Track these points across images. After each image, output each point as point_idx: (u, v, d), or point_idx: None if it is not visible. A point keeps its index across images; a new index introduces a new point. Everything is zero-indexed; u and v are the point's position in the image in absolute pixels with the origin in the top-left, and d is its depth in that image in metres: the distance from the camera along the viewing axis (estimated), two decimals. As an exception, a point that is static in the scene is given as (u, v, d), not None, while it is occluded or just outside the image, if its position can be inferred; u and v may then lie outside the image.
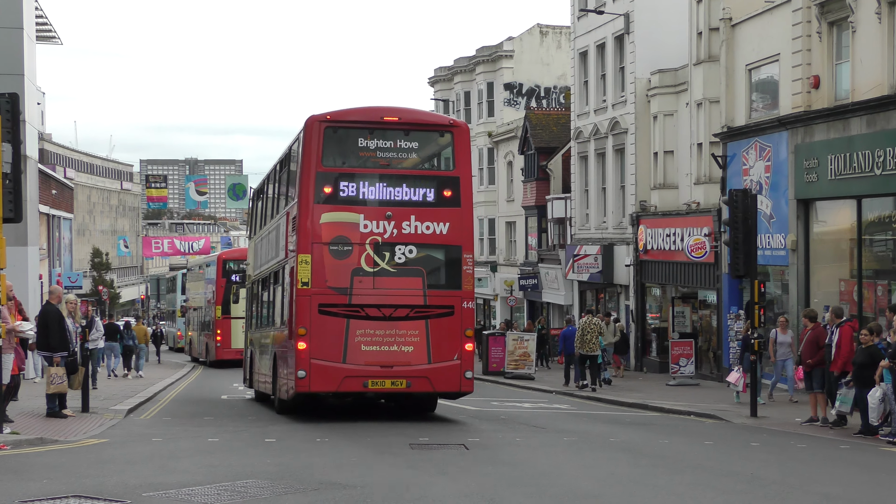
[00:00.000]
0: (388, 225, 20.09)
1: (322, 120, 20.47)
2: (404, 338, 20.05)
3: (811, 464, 15.69)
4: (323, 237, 20.02)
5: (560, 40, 61.28)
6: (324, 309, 19.87)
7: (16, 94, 17.42)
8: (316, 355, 19.80)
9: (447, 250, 20.47)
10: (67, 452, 15.68)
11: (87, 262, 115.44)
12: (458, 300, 20.29)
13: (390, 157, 20.67)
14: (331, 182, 20.17)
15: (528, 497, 11.71)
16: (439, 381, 20.26)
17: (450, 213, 20.35)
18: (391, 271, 20.12)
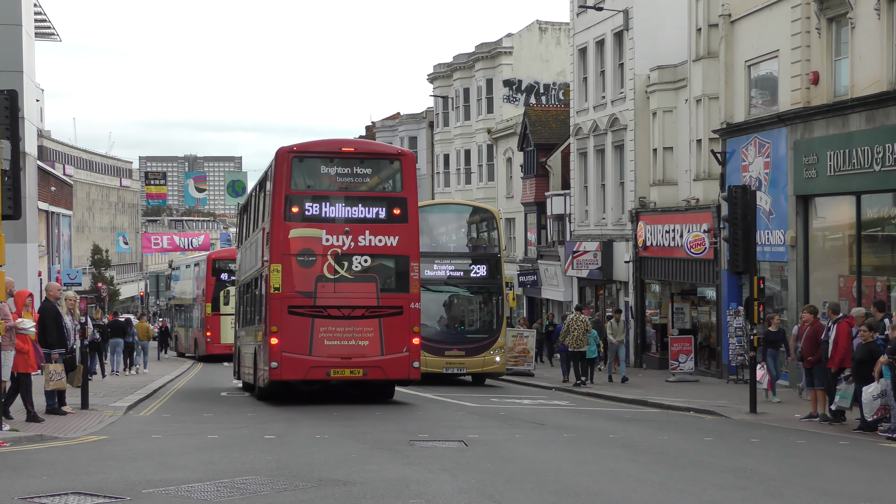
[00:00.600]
0: (347, 238, 23.48)
1: (290, 151, 24.01)
2: (361, 334, 23.39)
3: (810, 459, 15.70)
4: (291, 249, 23.39)
5: (559, 37, 61.25)
6: (292, 310, 23.18)
7: (14, 90, 17.40)
8: (286, 349, 23.08)
9: (397, 260, 23.93)
10: (67, 449, 15.69)
11: (87, 258, 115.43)
12: (407, 301, 23.73)
13: (348, 181, 24.29)
14: (298, 203, 23.60)
15: (527, 493, 11.72)
16: (391, 370, 23.55)
17: (399, 229, 23.79)
18: (349, 278, 23.50)
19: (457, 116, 65.08)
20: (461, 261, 33.13)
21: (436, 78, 68.04)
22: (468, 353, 32.20)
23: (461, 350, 32.16)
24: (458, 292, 33.34)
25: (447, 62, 66.69)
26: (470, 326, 33.34)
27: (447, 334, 32.57)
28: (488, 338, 32.60)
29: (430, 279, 31.33)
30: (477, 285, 33.11)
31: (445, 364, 31.80)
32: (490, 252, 33.53)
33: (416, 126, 72.49)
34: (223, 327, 47.70)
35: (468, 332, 32.92)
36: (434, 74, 68.18)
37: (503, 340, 33.09)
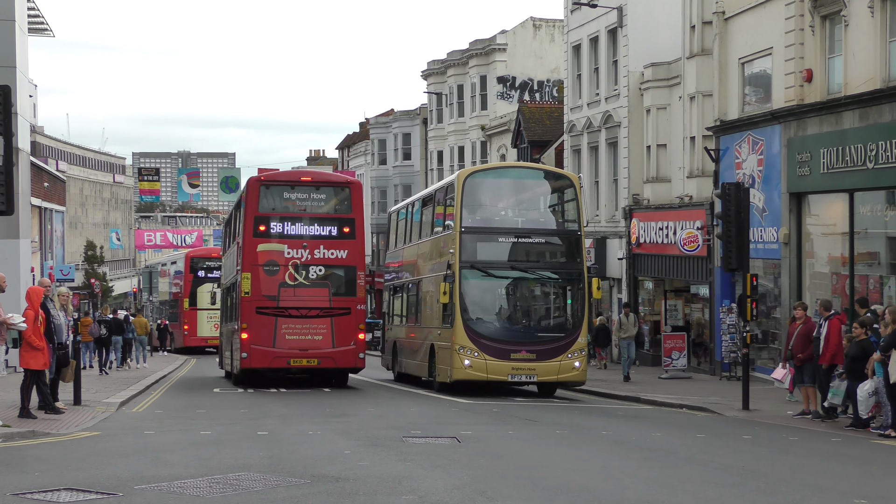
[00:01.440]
0: (305, 252, 28.16)
1: (258, 180, 29.35)
2: (316, 330, 28.03)
3: (803, 456, 15.72)
4: (259, 261, 28.11)
5: (553, 33, 61.27)
6: (260, 310, 27.90)
7: (7, 86, 17.36)
8: (254, 342, 27.83)
9: (346, 269, 28.61)
10: (59, 445, 15.67)
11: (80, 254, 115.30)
12: (354, 304, 28.48)
13: (306, 204, 28.94)
14: (264, 222, 28.39)
15: (520, 490, 11.72)
16: (341, 360, 28.32)
17: (348, 244, 28.51)
18: (306, 284, 28.25)
19: (451, 113, 65.10)
20: (531, 239, 27.00)
21: (430, 74, 68.05)
22: (540, 356, 25.85)
23: (531, 352, 25.80)
24: (526, 279, 26.92)
25: (441, 59, 66.72)
26: (542, 322, 27.19)
27: (513, 332, 26.33)
28: (565, 337, 26.29)
29: (490, 263, 26.59)
30: (551, 270, 27.01)
31: (511, 370, 25.79)
32: (568, 228, 27.32)
33: (410, 122, 72.53)
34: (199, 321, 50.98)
35: (540, 330, 26.74)
36: (428, 71, 68.19)
37: (584, 341, 26.88)
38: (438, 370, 27.30)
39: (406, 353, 31.59)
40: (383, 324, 36.72)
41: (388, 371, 34.61)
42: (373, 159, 77.41)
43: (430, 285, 28.39)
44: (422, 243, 30.26)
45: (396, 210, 36.48)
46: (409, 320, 31.22)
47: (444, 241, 27.39)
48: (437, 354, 27.38)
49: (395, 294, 34.05)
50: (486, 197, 27.70)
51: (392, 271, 34.85)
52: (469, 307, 26.12)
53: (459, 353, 25.78)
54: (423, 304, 29.36)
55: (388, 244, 36.73)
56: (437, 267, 27.53)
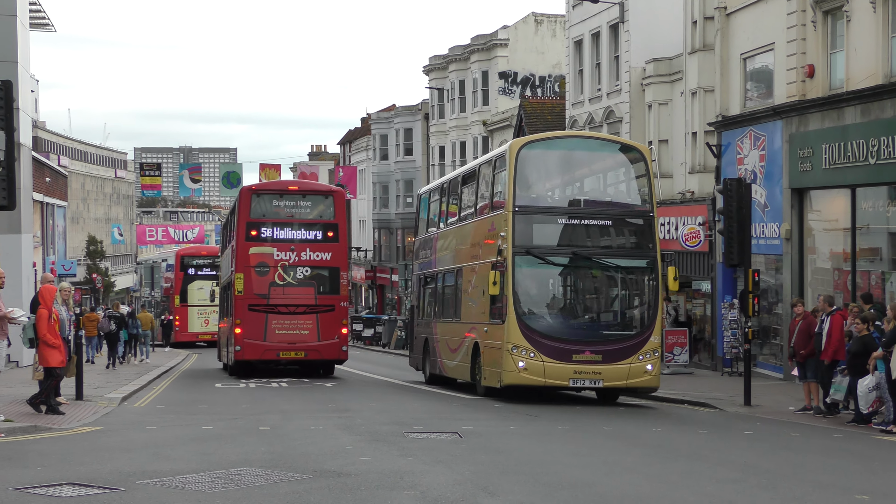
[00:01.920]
0: (292, 254, 30.30)
1: (250, 189, 31.61)
2: (303, 325, 30.26)
3: (804, 452, 15.72)
4: (251, 262, 30.32)
5: (555, 29, 61.23)
6: (252, 307, 30.12)
7: (9, 81, 17.36)
8: (247, 336, 30.06)
9: (330, 270, 30.72)
10: (61, 440, 15.69)
11: (82, 249, 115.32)
12: (338, 301, 30.71)
13: (293, 211, 31.33)
14: (255, 228, 30.55)
15: (521, 485, 11.73)
16: (325, 352, 30.65)
17: (332, 247, 30.66)
18: (294, 283, 30.36)
19: (452, 108, 65.09)
20: (596, 221, 23.47)
21: (431, 70, 68.03)
22: (607, 357, 22.39)
23: (596, 353, 22.33)
24: (591, 267, 23.36)
25: (443, 54, 66.71)
26: (609, 318, 23.66)
27: (575, 330, 22.85)
28: (636, 335, 22.75)
29: (548, 248, 23.11)
30: (620, 257, 23.51)
31: (573, 374, 22.24)
32: (638, 208, 23.80)
33: (412, 118, 72.52)
34: (190, 317, 52.66)
35: (606, 327, 23.24)
36: (430, 66, 68.17)
37: (657, 340, 23.19)
38: (484, 373, 23.93)
39: (442, 353, 27.89)
40: (411, 319, 32.97)
41: (418, 371, 31.05)
42: (374, 154, 77.41)
43: (473, 275, 25.00)
44: (462, 227, 26.84)
45: (428, 191, 32.58)
46: (446, 315, 27.72)
47: (492, 224, 23.78)
48: (483, 355, 23.94)
49: (426, 285, 30.45)
50: (544, 171, 24.40)
51: (423, 260, 31.06)
52: (524, 300, 22.60)
53: (512, 353, 22.17)
54: (463, 297, 25.92)
55: (416, 230, 33.03)
56: (484, 253, 24.14)
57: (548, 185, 24.81)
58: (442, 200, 29.49)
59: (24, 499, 10.76)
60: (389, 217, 74.90)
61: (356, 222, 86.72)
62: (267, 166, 59.98)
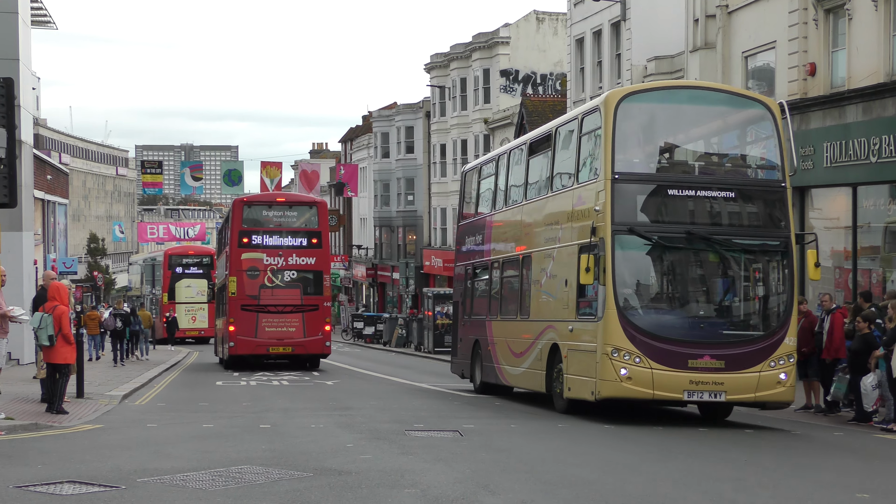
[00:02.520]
0: (280, 259, 33.48)
1: (242, 201, 35.36)
2: (290, 323, 33.31)
3: (805, 450, 15.71)
4: (243, 267, 33.54)
5: (556, 27, 61.20)
6: (244, 307, 33.31)
7: (10, 78, 17.36)
8: (240, 334, 33.24)
9: (314, 273, 33.91)
10: (62, 438, 15.69)
11: (83, 247, 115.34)
12: (321, 301, 34.01)
13: (281, 220, 34.75)
14: (247, 235, 33.80)
15: (522, 483, 11.73)
16: (311, 347, 33.75)
17: (316, 252, 33.95)
18: (282, 285, 33.53)
19: (453, 106, 65.05)
20: (715, 192, 18.84)
21: (433, 68, 67.99)
22: (731, 364, 17.88)
23: (717, 358, 17.85)
24: (710, 250, 18.74)
25: (444, 52, 66.66)
26: (733, 315, 18.98)
27: (691, 328, 18.33)
28: (766, 336, 18.25)
29: (657, 226, 18.63)
30: (746, 237, 18.81)
31: (689, 384, 17.79)
32: (765, 178, 19.49)
33: (413, 116, 72.48)
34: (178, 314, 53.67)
35: (729, 326, 18.63)
36: (431, 64, 68.13)
37: (793, 343, 18.47)
38: (569, 382, 19.35)
39: (501, 358, 23.53)
40: (455, 317, 28.54)
41: (463, 380, 27.04)
42: (376, 152, 77.38)
43: (549, 262, 20.80)
44: (531, 204, 22.31)
45: (477, 166, 28.17)
46: (506, 312, 23.50)
47: (579, 197, 19.45)
48: (568, 360, 19.41)
49: (475, 278, 26.28)
50: (649, 130, 19.96)
51: (470, 248, 26.78)
52: (626, 291, 18.28)
53: (613, 358, 17.77)
54: (533, 289, 21.62)
55: (459, 213, 29.19)
56: (566, 234, 19.84)
57: (654, 147, 19.88)
58: (498, 176, 25.24)
59: (25, 497, 10.76)
60: (391, 215, 74.88)
61: (357, 220, 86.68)
62: (268, 164, 59.97)
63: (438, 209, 67.74)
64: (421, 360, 43.42)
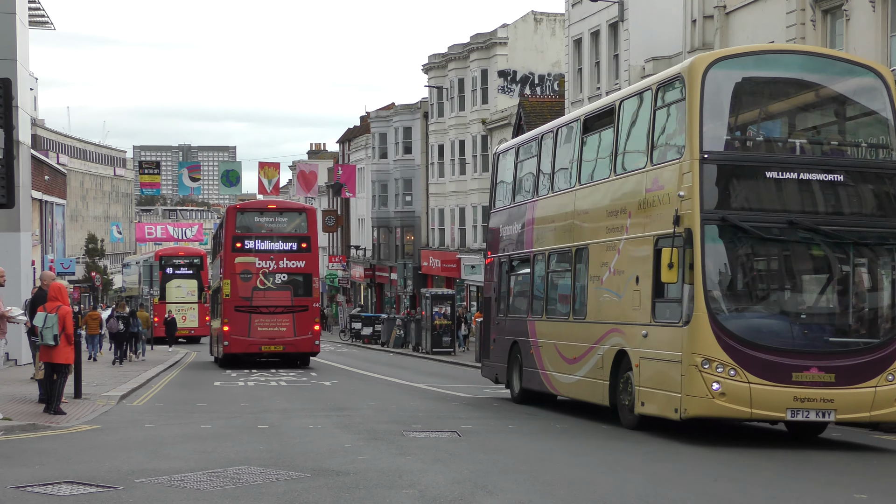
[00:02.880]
0: (272, 263, 34.95)
1: (235, 208, 37.13)
2: (281, 323, 34.85)
3: (803, 451, 15.69)
4: (236, 270, 34.97)
5: (554, 27, 61.21)
6: (237, 308, 34.76)
7: (8, 79, 17.32)
8: (233, 333, 34.70)
9: (304, 276, 35.40)
10: (60, 438, 15.68)
11: (80, 248, 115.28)
12: (311, 302, 35.46)
13: (272, 226, 36.08)
14: (240, 240, 35.33)
15: (520, 483, 11.73)
16: (301, 346, 35.20)
17: (305, 256, 35.43)
18: (273, 287, 34.98)
19: (451, 107, 65.05)
20: (821, 174, 16.25)
21: (430, 68, 67.98)
22: (842, 377, 15.44)
23: (827, 371, 15.40)
24: (814, 242, 16.16)
25: (442, 52, 66.65)
26: (843, 320, 16.26)
27: (795, 336, 15.80)
28: (882, 345, 15.78)
29: (756, 214, 16.04)
30: (857, 229, 16.10)
31: (793, 401, 15.34)
32: (878, 159, 16.79)
33: (411, 116, 72.47)
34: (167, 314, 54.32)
35: (839, 333, 16.10)
36: (429, 65, 68.12)
37: None
38: (643, 396, 16.73)
39: (548, 363, 20.84)
40: (486, 314, 25.74)
41: (497, 385, 24.66)
42: (373, 153, 77.38)
43: (613, 255, 18.09)
44: (589, 189, 19.54)
45: (514, 147, 24.73)
46: (556, 312, 20.97)
47: (654, 180, 16.85)
48: (641, 370, 16.81)
49: (514, 271, 23.66)
50: (743, 102, 17.25)
51: (507, 239, 23.94)
52: (719, 291, 15.76)
53: (703, 370, 15.30)
54: (591, 286, 18.96)
55: (491, 200, 25.80)
56: (636, 223, 17.30)
57: (748, 121, 17.30)
58: (541, 157, 22.33)
59: (23, 497, 10.76)
60: (388, 216, 74.87)
61: (355, 221, 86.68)
62: (266, 164, 59.91)
63: (436, 210, 67.75)
64: (419, 361, 43.42)
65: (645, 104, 17.84)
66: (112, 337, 36.71)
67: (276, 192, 62.32)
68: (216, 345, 38.56)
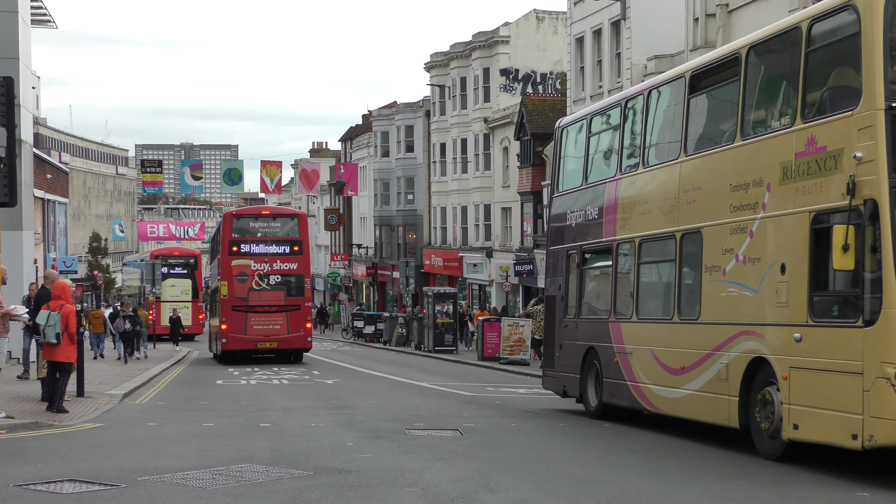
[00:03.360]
0: (266, 265, 37.34)
1: (231, 214, 39.82)
2: (275, 321, 37.25)
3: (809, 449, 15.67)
4: (233, 272, 37.33)
5: (556, 26, 61.18)
6: (234, 308, 37.17)
7: (10, 77, 17.34)
8: (231, 331, 37.23)
9: (296, 277, 37.86)
10: (62, 437, 15.70)
11: (83, 246, 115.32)
12: (303, 302, 38.01)
13: (266, 230, 38.88)
14: (237, 244, 37.69)
15: (522, 482, 11.73)
16: (294, 342, 37.69)
17: (297, 258, 37.83)
18: (268, 288, 37.38)
19: (453, 105, 65.02)
20: None
21: (432, 66, 67.96)
22: None
23: None
24: None
25: (444, 51, 66.61)
26: None
27: None
28: None
29: None
30: None
31: None
32: None
33: (413, 115, 72.44)
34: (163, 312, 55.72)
35: None
36: (431, 63, 68.09)
37: None
38: (796, 417, 13.29)
39: (641, 373, 17.66)
40: (548, 317, 22.22)
41: (566, 399, 21.07)
42: (375, 151, 77.36)
43: (743, 239, 14.71)
44: (702, 159, 16.33)
45: (585, 118, 21.37)
46: (652, 310, 17.90)
47: (809, 140, 13.29)
48: (792, 382, 13.39)
49: (588, 265, 20.38)
50: None
51: (577, 226, 20.62)
52: None
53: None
54: (709, 278, 15.67)
55: (555, 182, 22.16)
56: (783, 197, 13.79)
57: None
58: (625, 127, 19.11)
59: (26, 495, 10.77)
60: (391, 214, 74.86)
61: (357, 219, 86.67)
62: (268, 163, 59.88)
63: (438, 208, 67.74)
64: (421, 359, 43.43)
65: (791, 46, 14.12)
66: (120, 336, 37.33)
67: (279, 190, 62.33)
68: (215, 342, 40.31)
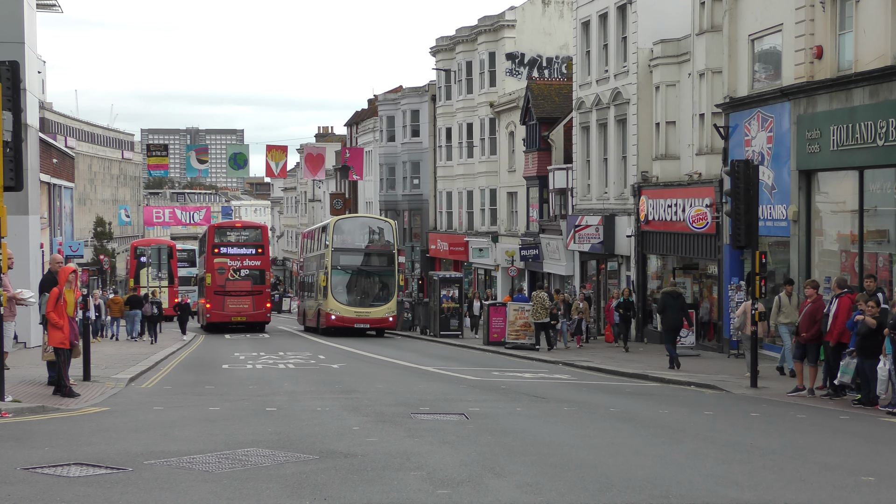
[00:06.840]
0: (238, 262, 52.41)
1: (214, 226, 56.29)
2: (244, 302, 52.26)
3: (810, 434, 15.72)
4: (215, 267, 52.33)
5: (562, 10, 60.99)
6: (216, 292, 52.12)
7: (16, 62, 17.34)
8: (213, 309, 52.31)
9: (259, 271, 53.29)
10: (69, 420, 15.74)
11: (89, 231, 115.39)
12: (264, 289, 53.17)
13: (238, 237, 54.02)
14: (218, 247, 52.65)
15: (527, 466, 11.75)
16: (257, 318, 52.86)
17: (260, 258, 53.48)
18: (239, 279, 52.32)
19: (459, 90, 64.90)
20: None
21: (438, 51, 67.80)
22: None
23: None
24: None
25: (450, 35, 66.45)
26: None
27: None
28: None
29: None
30: None
31: None
32: None
33: (419, 99, 72.31)
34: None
35: None
36: (436, 47, 67.94)
37: None
38: None
39: None
40: None
41: None
42: (381, 136, 77.28)
43: None
44: None
45: None
46: None
47: None
48: None
49: None
50: None
51: None
52: None
53: None
54: None
55: None
56: None
57: None
58: None
59: (33, 479, 10.80)
60: (396, 199, 74.81)
61: (363, 204, 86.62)
62: (273, 148, 59.87)
63: (444, 193, 67.68)
64: (427, 344, 43.46)
65: None
66: (147, 319, 41.70)
67: (284, 174, 62.30)
68: (202, 317, 55.54)
